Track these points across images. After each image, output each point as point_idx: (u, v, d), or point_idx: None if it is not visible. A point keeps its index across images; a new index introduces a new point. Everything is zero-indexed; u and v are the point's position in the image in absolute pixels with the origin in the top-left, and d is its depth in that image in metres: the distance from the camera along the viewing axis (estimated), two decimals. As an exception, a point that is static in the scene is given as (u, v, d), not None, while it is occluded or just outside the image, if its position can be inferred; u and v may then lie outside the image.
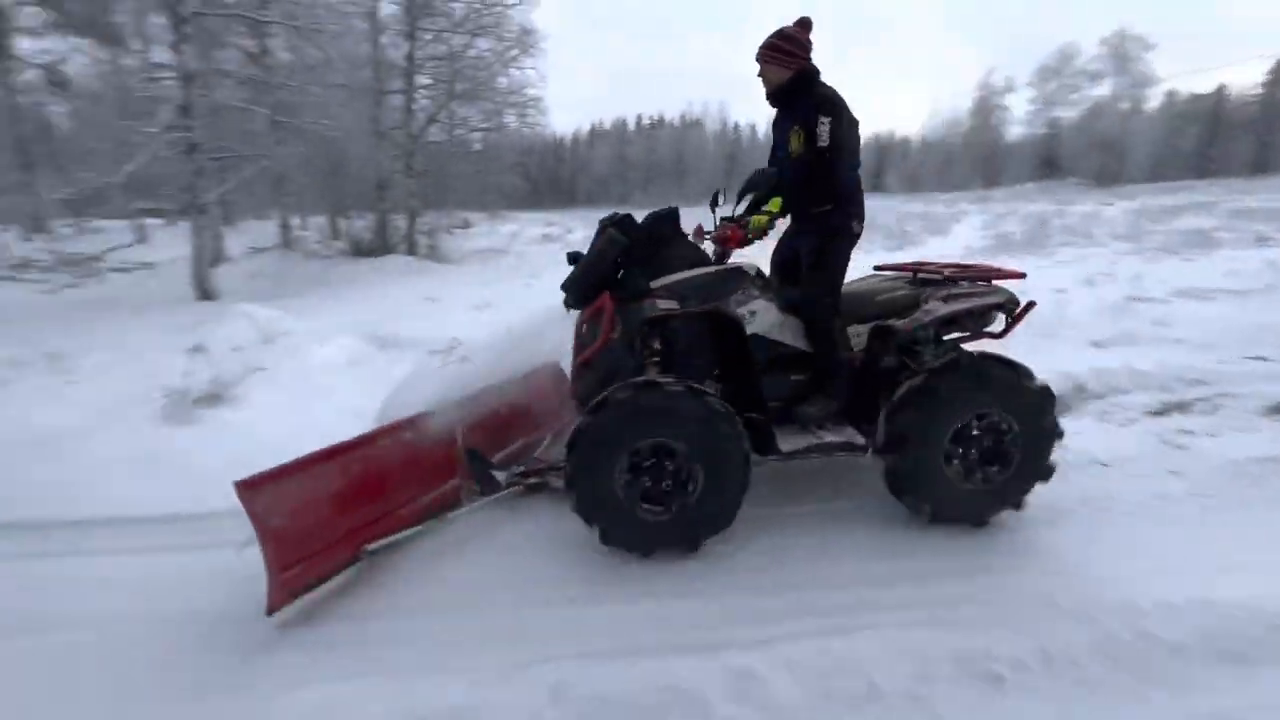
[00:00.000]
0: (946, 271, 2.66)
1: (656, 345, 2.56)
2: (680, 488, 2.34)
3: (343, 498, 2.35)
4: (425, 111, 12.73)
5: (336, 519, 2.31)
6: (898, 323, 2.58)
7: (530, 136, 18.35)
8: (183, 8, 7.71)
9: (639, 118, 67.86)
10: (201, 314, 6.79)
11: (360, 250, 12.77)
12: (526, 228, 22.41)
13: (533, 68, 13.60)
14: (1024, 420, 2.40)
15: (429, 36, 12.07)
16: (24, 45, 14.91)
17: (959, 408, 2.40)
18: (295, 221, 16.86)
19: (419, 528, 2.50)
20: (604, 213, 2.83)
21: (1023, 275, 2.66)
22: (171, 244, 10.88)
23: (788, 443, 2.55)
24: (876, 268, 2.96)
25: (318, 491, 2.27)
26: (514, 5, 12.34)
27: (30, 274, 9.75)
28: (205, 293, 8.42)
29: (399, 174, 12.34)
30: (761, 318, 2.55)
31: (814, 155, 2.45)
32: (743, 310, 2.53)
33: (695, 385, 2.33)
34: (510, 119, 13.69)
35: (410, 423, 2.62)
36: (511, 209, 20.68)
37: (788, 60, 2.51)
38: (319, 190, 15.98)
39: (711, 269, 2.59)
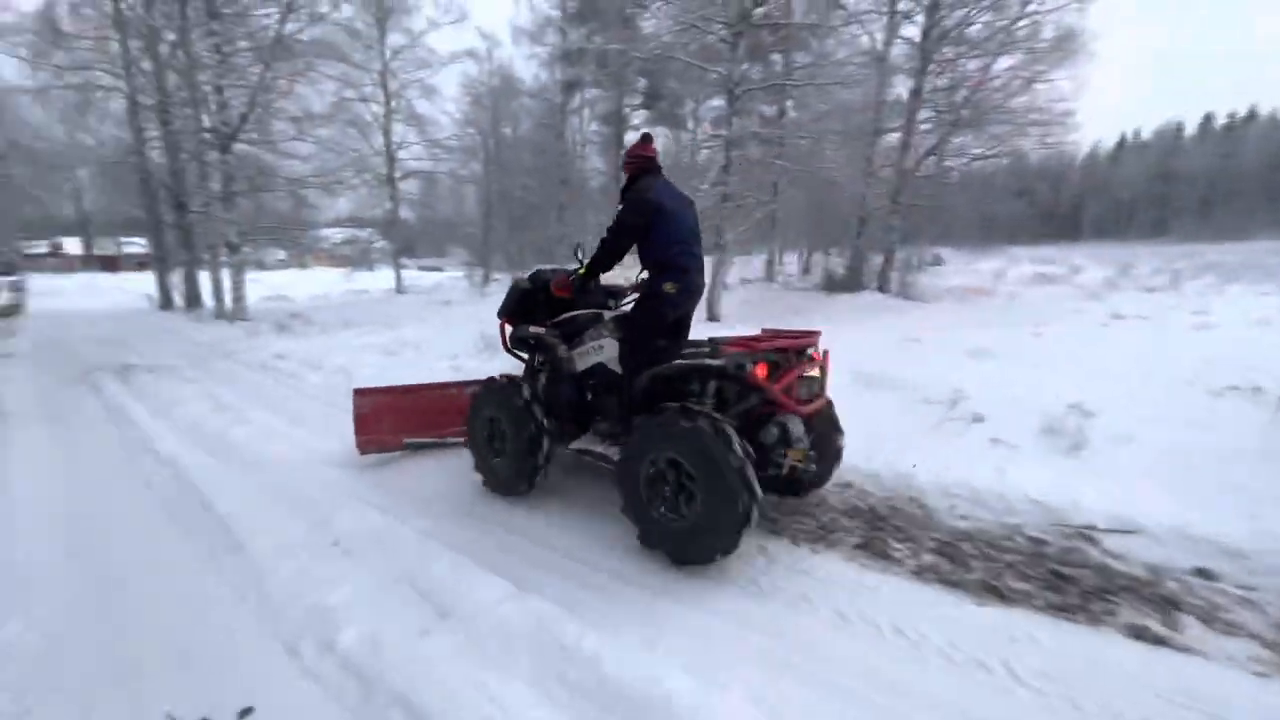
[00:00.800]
0: (749, 337, 3.17)
1: (540, 359, 3.73)
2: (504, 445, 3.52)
3: (407, 412, 4.28)
4: (921, 146, 12.31)
5: (398, 421, 4.25)
6: (658, 369, 3.07)
7: (1046, 158, 15.66)
8: (737, 89, 9.57)
9: (1206, 117, 50.22)
10: (714, 332, 8.24)
11: (832, 285, 13.28)
12: (1014, 265, 19.26)
13: (1066, 78, 11.38)
14: (693, 459, 2.64)
15: (936, 69, 11.60)
16: (628, 138, 21.92)
17: (644, 451, 2.83)
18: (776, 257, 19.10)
19: (436, 440, 4.33)
20: (1112, 248, 2.54)
21: (788, 349, 3.06)
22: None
23: (579, 443, 3.42)
24: (763, 330, 3.44)
25: (394, 405, 4.26)
26: (1057, 9, 10.54)
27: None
28: (713, 314, 10.24)
29: (882, 210, 12.33)
30: (607, 351, 3.39)
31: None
32: (592, 344, 3.45)
33: (509, 377, 3.56)
34: (1027, 141, 11.78)
35: (462, 383, 4.48)
36: (995, 243, 18.13)
37: (630, 167, 3.39)
38: (802, 228, 17.59)
39: (585, 312, 3.56)
